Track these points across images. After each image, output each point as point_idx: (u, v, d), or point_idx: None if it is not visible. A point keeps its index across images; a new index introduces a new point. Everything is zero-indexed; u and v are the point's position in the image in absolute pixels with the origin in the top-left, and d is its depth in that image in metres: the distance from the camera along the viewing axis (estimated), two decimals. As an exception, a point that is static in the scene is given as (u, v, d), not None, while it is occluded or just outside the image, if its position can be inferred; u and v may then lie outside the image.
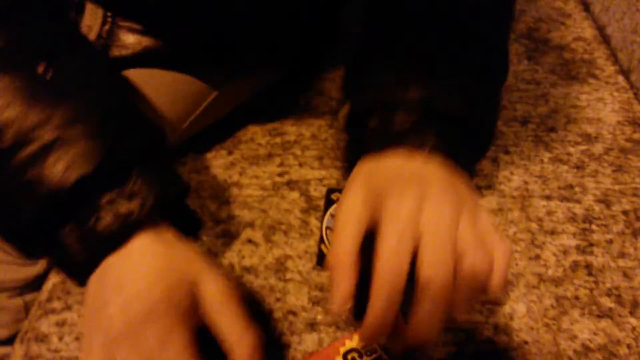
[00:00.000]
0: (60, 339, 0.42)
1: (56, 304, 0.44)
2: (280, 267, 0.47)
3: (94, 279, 0.35)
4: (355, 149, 0.43)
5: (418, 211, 0.33)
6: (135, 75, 0.47)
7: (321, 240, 0.48)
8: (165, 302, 0.33)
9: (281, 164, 0.55)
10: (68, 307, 0.44)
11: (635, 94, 0.65)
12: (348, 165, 0.46)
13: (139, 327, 0.32)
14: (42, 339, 0.42)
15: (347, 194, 0.37)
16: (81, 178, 0.33)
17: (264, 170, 0.55)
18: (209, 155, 0.56)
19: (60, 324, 0.43)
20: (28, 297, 0.49)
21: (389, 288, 0.32)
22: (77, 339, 0.42)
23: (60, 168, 0.33)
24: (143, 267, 0.34)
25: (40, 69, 0.36)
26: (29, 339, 0.42)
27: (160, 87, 0.49)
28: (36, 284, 0.48)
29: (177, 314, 0.33)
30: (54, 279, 0.46)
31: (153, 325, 0.32)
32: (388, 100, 0.40)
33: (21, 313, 0.49)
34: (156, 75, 0.49)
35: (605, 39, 0.72)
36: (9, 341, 0.46)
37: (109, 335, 0.32)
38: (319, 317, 0.44)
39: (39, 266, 0.49)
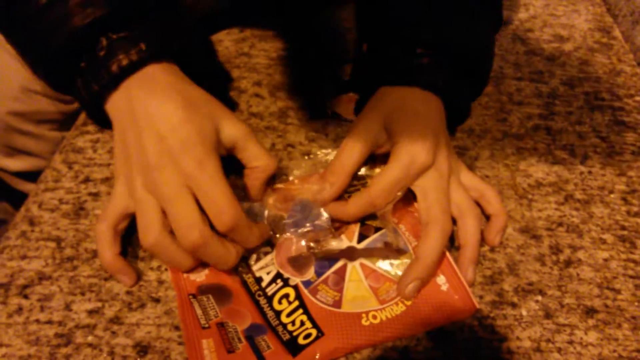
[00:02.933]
0: (95, 151, 0.50)
1: (90, 127, 0.52)
2: (282, 115, 0.55)
3: (119, 110, 0.40)
4: (374, 80, 0.48)
5: (421, 171, 0.42)
6: None
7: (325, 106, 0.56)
8: (198, 135, 0.38)
9: (287, 42, 0.63)
10: (101, 130, 0.52)
11: (608, 9, 0.72)
12: (361, 89, 0.51)
13: (177, 155, 0.37)
14: (79, 150, 0.50)
15: (368, 118, 0.45)
16: (98, 18, 0.38)
17: (271, 46, 0.62)
18: (223, 31, 0.63)
19: (95, 141, 0.51)
20: (65, 133, 0.56)
21: (373, 203, 0.42)
22: (109, 152, 0.50)
23: (81, 9, 0.38)
24: (171, 104, 0.39)
25: None
26: (67, 150, 0.50)
27: None
28: (73, 123, 0.55)
29: (209, 144, 0.39)
30: (88, 111, 0.54)
31: (190, 152, 0.37)
32: (409, 37, 0.46)
33: (58, 145, 0.56)
34: None
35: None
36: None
37: (146, 162, 0.38)
38: (314, 149, 0.51)
39: (76, 104, 0.56)
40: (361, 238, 0.43)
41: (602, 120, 0.56)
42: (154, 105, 0.39)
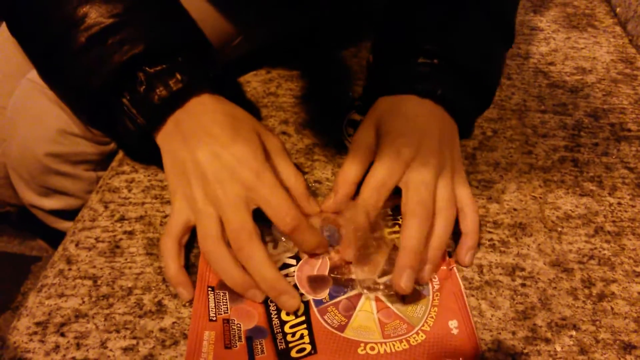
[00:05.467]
0: (129, 190, 0.51)
1: (125, 168, 0.54)
2: (309, 151, 0.56)
3: (167, 135, 0.43)
4: (375, 89, 0.50)
5: (405, 165, 0.43)
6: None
7: (342, 134, 0.57)
8: (250, 149, 0.41)
9: (312, 81, 0.64)
10: (135, 170, 0.53)
11: (630, 40, 0.72)
12: (366, 100, 0.53)
13: (235, 169, 0.40)
14: (114, 190, 0.52)
15: (362, 127, 0.47)
16: (136, 54, 0.41)
17: (297, 85, 0.64)
18: (251, 73, 0.66)
19: (129, 181, 0.52)
20: (100, 173, 0.58)
21: (365, 204, 0.43)
22: (143, 191, 0.51)
23: (118, 47, 0.41)
24: (217, 123, 0.42)
25: None
26: (103, 190, 0.52)
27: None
28: (108, 163, 0.57)
29: (261, 156, 0.42)
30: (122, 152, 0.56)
31: (247, 166, 0.40)
32: (411, 48, 0.48)
33: (93, 185, 0.58)
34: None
35: (606, -1, 0.80)
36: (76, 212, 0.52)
37: (204, 178, 0.41)
38: (341, 186, 0.52)
39: (112, 146, 0.59)
40: (384, 273, 0.43)
41: (629, 151, 0.56)
42: (201, 126, 0.42)
